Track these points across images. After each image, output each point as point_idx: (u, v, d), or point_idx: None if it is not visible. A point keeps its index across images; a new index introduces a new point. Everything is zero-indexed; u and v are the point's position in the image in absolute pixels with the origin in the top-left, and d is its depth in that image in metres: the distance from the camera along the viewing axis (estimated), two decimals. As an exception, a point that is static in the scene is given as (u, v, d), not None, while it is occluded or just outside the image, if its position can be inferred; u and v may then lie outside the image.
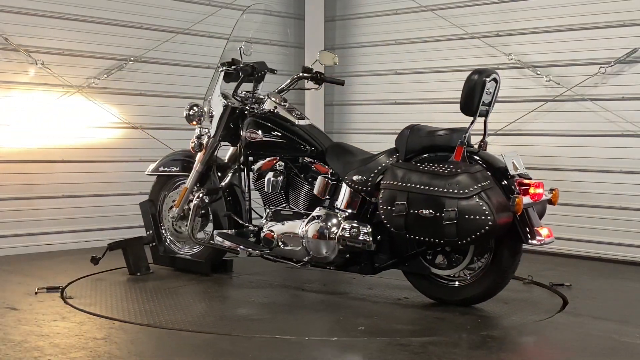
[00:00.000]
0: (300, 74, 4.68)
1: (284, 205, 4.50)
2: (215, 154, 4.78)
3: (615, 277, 5.00)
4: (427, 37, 6.52)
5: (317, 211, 4.32)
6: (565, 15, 5.73)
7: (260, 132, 4.52)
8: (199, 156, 4.73)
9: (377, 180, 4.04)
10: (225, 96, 4.73)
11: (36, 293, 4.23)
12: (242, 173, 4.73)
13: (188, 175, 4.80)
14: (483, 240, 3.77)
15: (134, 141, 6.00)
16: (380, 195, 3.90)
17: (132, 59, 6.05)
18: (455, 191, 3.67)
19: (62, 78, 5.70)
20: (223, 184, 4.73)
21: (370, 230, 4.08)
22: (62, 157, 5.75)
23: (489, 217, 3.59)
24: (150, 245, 4.96)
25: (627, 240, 5.47)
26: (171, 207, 4.89)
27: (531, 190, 3.81)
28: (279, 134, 4.48)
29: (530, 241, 3.76)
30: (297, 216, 4.42)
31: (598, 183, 5.60)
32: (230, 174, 4.75)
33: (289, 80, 4.75)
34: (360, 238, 4.10)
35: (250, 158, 4.65)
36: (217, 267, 4.84)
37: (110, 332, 3.54)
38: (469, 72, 3.92)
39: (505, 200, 3.70)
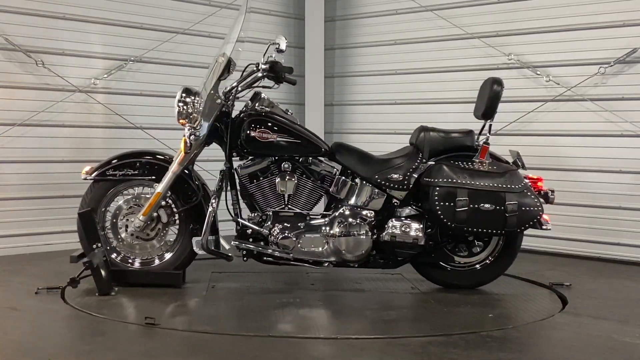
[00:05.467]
0: (264, 73, 4.39)
1: (283, 207, 4.41)
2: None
3: (615, 277, 5.00)
4: (427, 37, 6.52)
5: (342, 211, 4.36)
6: (565, 15, 5.73)
7: (275, 130, 4.35)
8: (180, 157, 4.39)
9: (413, 178, 4.31)
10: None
11: (36, 293, 4.23)
12: (227, 174, 4.41)
13: (148, 180, 4.51)
14: (533, 227, 4.23)
15: (134, 141, 5.99)
16: (435, 193, 4.15)
17: (132, 59, 6.05)
18: (512, 186, 4.16)
19: (62, 78, 5.70)
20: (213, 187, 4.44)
21: (422, 226, 4.30)
22: (62, 157, 5.75)
23: (539, 207, 4.18)
24: (103, 259, 4.34)
25: (627, 240, 5.48)
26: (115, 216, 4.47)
27: (539, 184, 4.35)
28: (295, 133, 4.38)
29: (543, 227, 4.26)
30: (300, 217, 4.39)
31: (598, 183, 5.60)
32: (220, 176, 4.42)
33: (250, 78, 4.42)
34: (412, 234, 4.31)
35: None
36: None
37: (110, 332, 3.54)
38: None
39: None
